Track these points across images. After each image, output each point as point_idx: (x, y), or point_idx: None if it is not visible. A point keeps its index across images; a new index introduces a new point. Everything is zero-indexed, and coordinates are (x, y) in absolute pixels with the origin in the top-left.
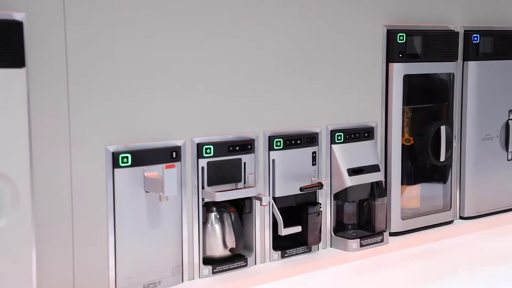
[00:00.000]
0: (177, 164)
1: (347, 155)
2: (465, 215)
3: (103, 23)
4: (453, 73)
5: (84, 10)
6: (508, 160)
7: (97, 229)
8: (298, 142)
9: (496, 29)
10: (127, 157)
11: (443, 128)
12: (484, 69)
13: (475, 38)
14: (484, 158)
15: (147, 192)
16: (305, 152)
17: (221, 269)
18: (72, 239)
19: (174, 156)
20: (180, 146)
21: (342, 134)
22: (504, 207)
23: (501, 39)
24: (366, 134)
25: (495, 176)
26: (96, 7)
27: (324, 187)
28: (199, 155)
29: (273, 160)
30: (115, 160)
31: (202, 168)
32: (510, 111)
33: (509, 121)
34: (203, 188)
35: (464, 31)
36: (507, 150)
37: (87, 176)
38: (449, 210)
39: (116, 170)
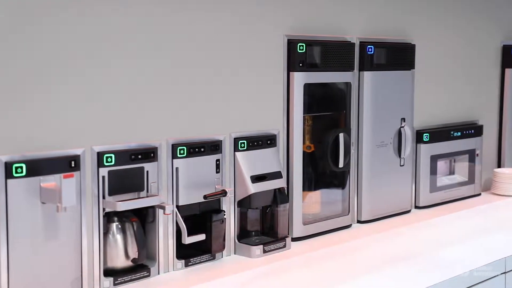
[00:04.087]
0: (76, 173)
1: (250, 162)
2: (362, 219)
3: None
4: (350, 83)
5: None
6: (400, 165)
7: None
8: (202, 150)
9: (389, 41)
10: (21, 167)
11: (341, 135)
12: (378, 79)
13: (370, 49)
14: (379, 164)
15: (43, 203)
16: (209, 160)
17: (123, 280)
18: None
19: (73, 166)
20: (79, 155)
21: (245, 141)
22: (398, 211)
23: (393, 51)
24: (268, 142)
25: (389, 181)
26: None
27: (228, 194)
28: (100, 164)
29: (177, 168)
30: (8, 170)
31: (103, 177)
32: (402, 119)
33: (401, 128)
34: (104, 197)
35: (360, 42)
36: (399, 156)
37: None
38: (348, 214)
39: (9, 180)
